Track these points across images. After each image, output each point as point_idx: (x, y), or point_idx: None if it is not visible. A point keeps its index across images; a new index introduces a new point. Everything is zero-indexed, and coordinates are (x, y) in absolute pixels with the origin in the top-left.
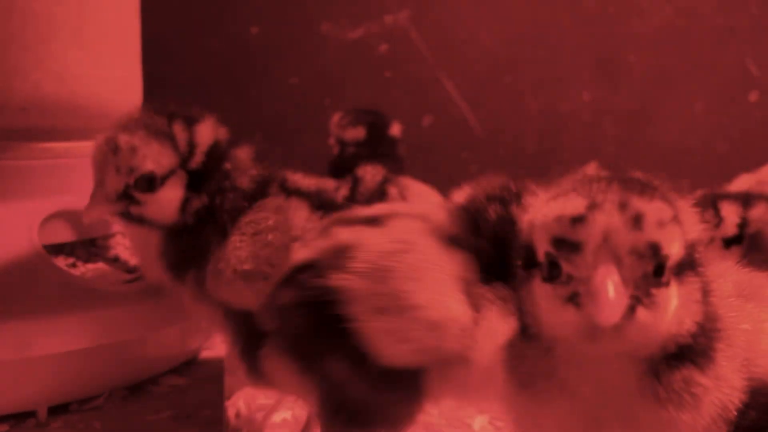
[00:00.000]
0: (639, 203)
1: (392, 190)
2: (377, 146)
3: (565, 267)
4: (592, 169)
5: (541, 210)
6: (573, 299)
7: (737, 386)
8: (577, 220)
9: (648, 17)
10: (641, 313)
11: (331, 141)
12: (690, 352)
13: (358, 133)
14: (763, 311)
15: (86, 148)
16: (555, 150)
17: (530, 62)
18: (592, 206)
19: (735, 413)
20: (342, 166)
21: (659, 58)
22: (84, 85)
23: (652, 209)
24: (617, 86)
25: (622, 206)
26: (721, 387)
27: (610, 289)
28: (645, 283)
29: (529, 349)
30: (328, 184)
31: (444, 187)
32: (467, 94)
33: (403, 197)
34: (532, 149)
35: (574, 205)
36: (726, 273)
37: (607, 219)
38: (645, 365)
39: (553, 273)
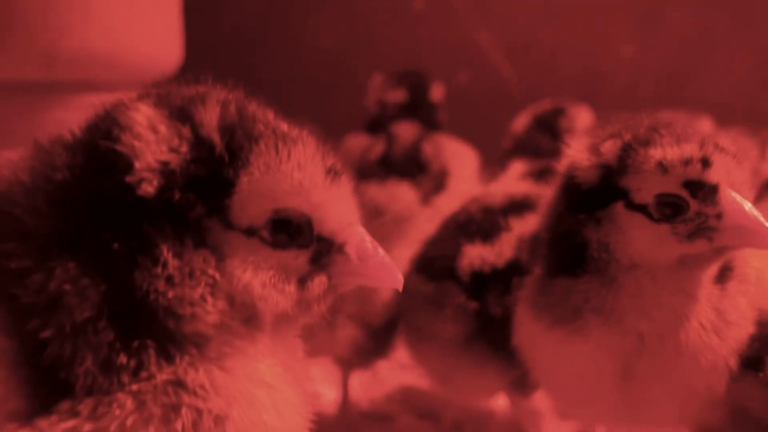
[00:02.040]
0: (733, 146)
1: (427, 149)
2: (417, 110)
3: (695, 206)
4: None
5: (635, 156)
6: (703, 233)
7: (751, 318)
8: (706, 163)
9: None
10: None
11: (370, 103)
12: (726, 277)
13: (398, 95)
14: None
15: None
16: (592, 109)
17: (568, 19)
18: (715, 149)
19: (746, 344)
20: (377, 124)
21: (702, 12)
22: (127, 40)
23: (745, 151)
24: (657, 43)
25: (729, 148)
26: (743, 318)
27: (763, 220)
28: None
29: (580, 284)
30: (362, 142)
31: (480, 144)
32: (504, 52)
33: (438, 156)
34: None
35: (689, 148)
36: None
37: (729, 160)
38: (704, 293)
39: (669, 213)
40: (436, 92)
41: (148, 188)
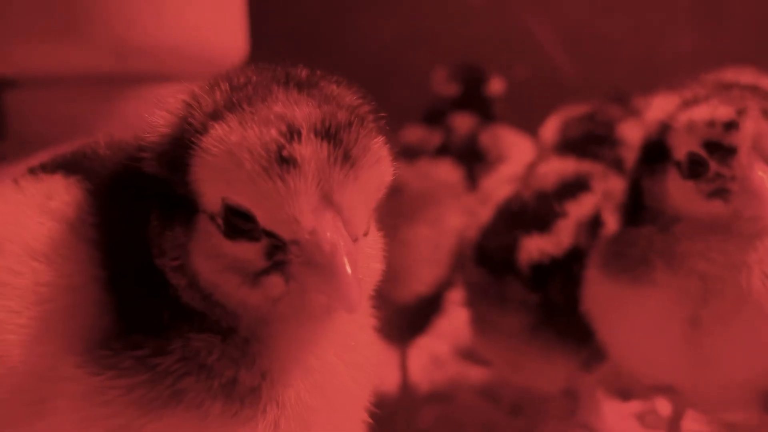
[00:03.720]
0: None
1: (485, 139)
2: (473, 104)
3: (714, 167)
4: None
5: (679, 114)
6: (720, 194)
7: None
8: (730, 126)
9: None
10: None
11: (431, 96)
12: None
13: (453, 89)
14: None
15: None
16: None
17: (626, 9)
18: (741, 112)
19: None
20: (434, 116)
21: (763, 1)
22: (195, 32)
23: None
24: (721, 30)
25: (765, 113)
26: None
27: None
28: None
29: (642, 232)
30: (419, 134)
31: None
32: (562, 42)
33: (496, 147)
34: None
35: (723, 111)
36: None
37: (756, 125)
38: (764, 243)
39: (696, 171)
40: (495, 86)
41: (147, 166)
